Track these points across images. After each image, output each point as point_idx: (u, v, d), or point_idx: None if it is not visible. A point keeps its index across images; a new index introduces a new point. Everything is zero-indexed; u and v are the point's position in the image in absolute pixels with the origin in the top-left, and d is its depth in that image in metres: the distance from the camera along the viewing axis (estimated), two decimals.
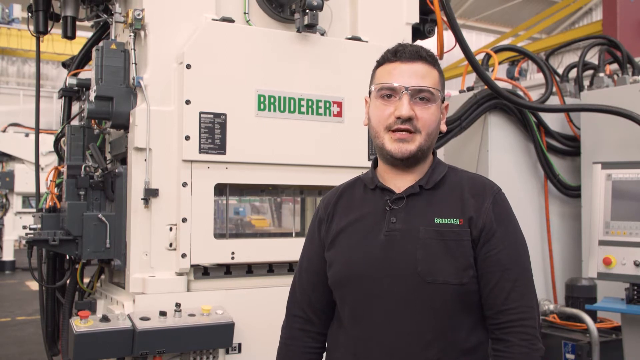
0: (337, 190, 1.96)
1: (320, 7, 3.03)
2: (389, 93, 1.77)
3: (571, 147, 4.51)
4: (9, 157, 13.06)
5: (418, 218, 1.76)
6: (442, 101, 1.83)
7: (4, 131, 13.45)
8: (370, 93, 1.85)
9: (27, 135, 13.12)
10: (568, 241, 4.56)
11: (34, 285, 10.49)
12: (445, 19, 3.60)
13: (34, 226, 3.22)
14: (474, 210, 1.73)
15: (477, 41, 21.52)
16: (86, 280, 3.47)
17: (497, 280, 1.71)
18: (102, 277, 3.56)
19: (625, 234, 3.10)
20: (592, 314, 3.48)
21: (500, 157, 4.29)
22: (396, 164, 1.81)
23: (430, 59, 1.81)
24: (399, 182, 1.82)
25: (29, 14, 3.52)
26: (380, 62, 1.86)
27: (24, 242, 3.15)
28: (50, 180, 3.45)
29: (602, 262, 3.12)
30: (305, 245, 1.98)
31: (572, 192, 4.48)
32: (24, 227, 3.32)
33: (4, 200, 12.92)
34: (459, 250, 1.71)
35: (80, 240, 2.99)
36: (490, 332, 1.74)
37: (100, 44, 3.06)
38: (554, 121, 4.48)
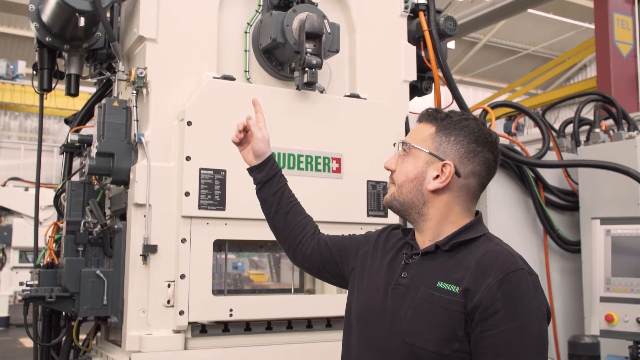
0: (388, 229, 2.10)
1: (319, 66, 3.09)
2: None
3: (570, 202, 4.52)
4: (8, 212, 13.03)
5: (424, 277, 1.75)
6: (442, 159, 1.81)
7: (4, 185, 13.46)
8: None
9: (26, 189, 13.12)
10: (569, 297, 4.52)
11: (27, 343, 10.31)
12: (442, 75, 3.67)
13: (31, 282, 3.20)
14: (473, 283, 1.65)
15: (474, 96, 21.85)
16: (82, 337, 3.42)
17: None
18: (98, 334, 3.51)
19: (626, 290, 3.08)
20: None
21: (499, 212, 4.30)
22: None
23: (430, 117, 1.87)
24: (419, 237, 1.87)
25: (34, 72, 3.58)
26: None
27: (19, 297, 3.12)
28: (49, 236, 3.44)
29: (605, 319, 3.09)
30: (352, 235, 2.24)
31: (572, 247, 4.46)
32: (21, 284, 3.29)
33: (1, 254, 12.83)
34: (446, 320, 1.64)
35: (77, 297, 2.96)
36: None
37: (103, 101, 3.10)
38: (552, 176, 4.51)
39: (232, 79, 3.10)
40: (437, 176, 1.80)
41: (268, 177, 2.25)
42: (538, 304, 1.64)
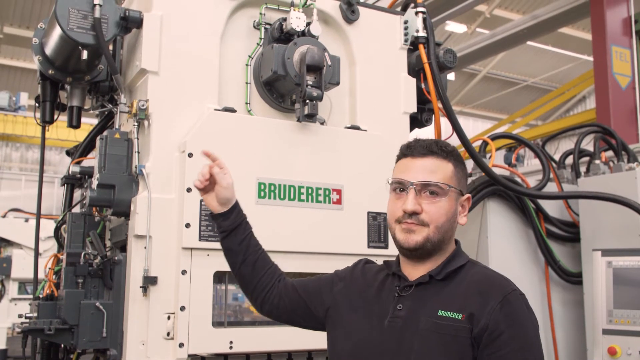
0: (360, 264, 2.09)
1: (320, 98, 3.11)
2: (401, 187, 1.84)
3: (571, 233, 4.51)
4: (7, 243, 12.97)
5: (423, 308, 1.76)
6: (462, 194, 1.86)
7: (4, 216, 13.43)
8: None
9: (26, 220, 13.07)
10: (571, 329, 4.48)
11: None
12: (442, 107, 3.69)
13: (30, 315, 3.18)
14: (476, 307, 1.70)
15: (474, 127, 21.94)
16: None
17: None
18: None
19: (629, 322, 3.06)
20: None
21: (500, 243, 4.29)
22: (407, 254, 1.86)
23: (442, 153, 1.85)
24: (414, 271, 1.86)
25: (36, 104, 3.61)
26: (399, 157, 1.94)
27: (17, 329, 3.10)
28: (49, 268, 3.42)
29: (607, 352, 3.07)
30: (319, 276, 2.19)
31: (573, 278, 4.44)
32: (20, 316, 3.27)
33: (0, 286, 12.73)
34: (455, 347, 1.68)
35: (77, 329, 2.94)
36: None
37: (105, 133, 3.12)
38: (553, 207, 4.51)
39: (233, 110, 3.12)
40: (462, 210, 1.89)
41: (234, 225, 2.14)
42: (532, 321, 1.76)
